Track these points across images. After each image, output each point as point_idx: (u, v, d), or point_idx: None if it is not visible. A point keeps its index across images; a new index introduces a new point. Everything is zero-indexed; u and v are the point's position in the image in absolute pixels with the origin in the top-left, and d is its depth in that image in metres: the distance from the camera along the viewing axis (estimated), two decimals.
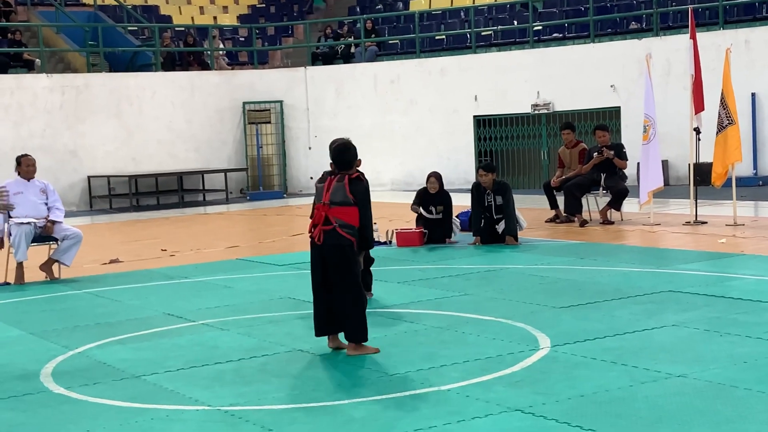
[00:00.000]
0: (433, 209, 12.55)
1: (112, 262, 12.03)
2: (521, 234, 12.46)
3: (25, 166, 10.80)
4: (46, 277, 10.73)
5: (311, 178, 23.16)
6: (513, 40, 22.84)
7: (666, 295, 8.37)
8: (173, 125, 21.89)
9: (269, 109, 22.66)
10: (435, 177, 12.63)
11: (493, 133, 21.93)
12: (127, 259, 12.30)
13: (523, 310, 7.98)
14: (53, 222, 10.69)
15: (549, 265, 10.31)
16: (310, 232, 6.88)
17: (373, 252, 11.82)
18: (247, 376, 6.25)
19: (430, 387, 5.83)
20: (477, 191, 12.21)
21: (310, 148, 23.10)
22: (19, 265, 10.50)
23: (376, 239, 12.76)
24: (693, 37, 13.68)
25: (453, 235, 12.62)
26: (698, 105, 13.53)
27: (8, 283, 10.47)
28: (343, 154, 6.83)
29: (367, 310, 6.79)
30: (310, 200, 22.95)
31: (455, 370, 6.18)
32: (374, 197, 7.02)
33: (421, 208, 12.63)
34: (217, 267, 11.21)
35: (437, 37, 23.85)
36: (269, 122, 22.65)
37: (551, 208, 14.71)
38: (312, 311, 6.90)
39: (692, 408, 5.24)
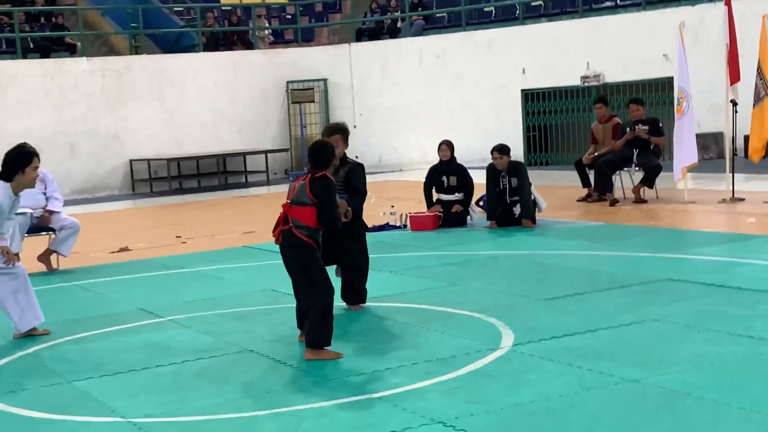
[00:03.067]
0: (446, 180, 12.14)
1: (121, 250, 11.88)
2: (541, 215, 11.96)
3: None
4: (46, 269, 10.61)
5: (356, 157, 22.79)
6: (563, 10, 22.09)
7: (662, 285, 7.83)
8: (216, 106, 21.73)
9: (313, 88, 22.34)
10: (446, 144, 12.29)
11: (541, 108, 21.26)
12: (139, 246, 12.14)
13: (503, 303, 7.54)
14: (50, 212, 10.55)
15: (556, 251, 9.81)
16: (273, 232, 6.55)
17: (387, 236, 11.60)
18: (181, 381, 5.95)
19: (362, 394, 5.46)
20: (492, 173, 11.73)
21: (354, 127, 22.67)
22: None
23: (393, 223, 12.43)
24: (728, 4, 12.92)
25: (470, 219, 12.19)
26: (734, 75, 12.79)
27: None
28: (318, 152, 6.44)
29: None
30: None
31: (398, 374, 5.79)
32: (420, 175, 6.50)
33: (435, 192, 12.27)
34: (219, 255, 10.95)
35: (485, 9, 23.21)
36: (313, 101, 22.33)
37: (583, 186, 14.15)
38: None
39: (629, 419, 4.80)
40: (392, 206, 12.89)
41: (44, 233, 10.72)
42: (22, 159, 7.00)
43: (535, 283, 8.27)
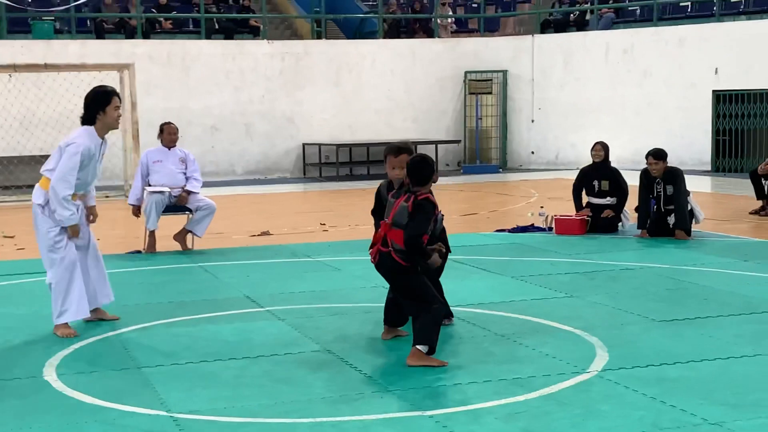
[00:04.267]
0: (597, 183, 11.52)
1: (262, 234, 11.91)
2: (702, 227, 11.16)
3: (167, 134, 10.79)
4: (180, 248, 10.72)
5: (532, 152, 22.26)
6: (764, 7, 20.69)
7: None
8: (391, 94, 21.65)
9: (491, 80, 21.88)
10: (600, 145, 11.70)
11: (734, 110, 20.02)
12: (282, 231, 12.14)
13: (614, 321, 6.97)
14: (188, 192, 10.65)
15: (700, 267, 9.06)
16: (370, 249, 6.25)
17: (527, 238, 11.10)
18: (243, 378, 5.77)
19: (416, 410, 5.10)
20: (646, 179, 11.00)
21: (533, 121, 22.14)
22: (151, 234, 10.55)
23: (539, 224, 11.89)
24: None
25: (621, 226, 11.51)
26: None
27: (140, 251, 10.55)
28: (419, 168, 6.02)
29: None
30: (529, 176, 22.29)
31: (464, 391, 5.40)
32: None
33: (585, 195, 11.65)
34: (350, 246, 10.77)
35: (680, 4, 22.05)
36: (490, 93, 21.87)
37: (757, 199, 13.15)
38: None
39: None
40: (541, 207, 12.34)
41: (181, 213, 10.84)
42: (102, 98, 6.79)
43: (659, 302, 7.63)
